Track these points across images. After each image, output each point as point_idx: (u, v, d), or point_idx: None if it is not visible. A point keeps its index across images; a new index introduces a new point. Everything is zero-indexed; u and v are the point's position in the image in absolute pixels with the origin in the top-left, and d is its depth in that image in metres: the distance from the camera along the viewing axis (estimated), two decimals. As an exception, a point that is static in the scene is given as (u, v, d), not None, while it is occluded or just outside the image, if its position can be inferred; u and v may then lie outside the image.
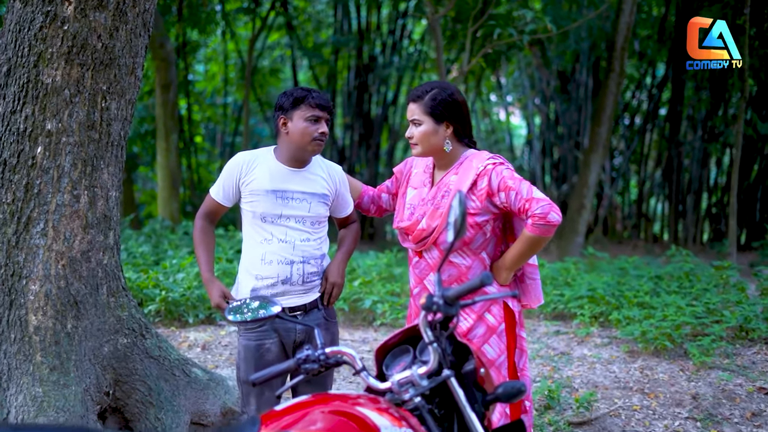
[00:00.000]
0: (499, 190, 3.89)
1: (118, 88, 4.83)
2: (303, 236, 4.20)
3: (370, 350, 7.65)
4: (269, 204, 4.16)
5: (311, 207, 4.22)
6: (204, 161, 21.75)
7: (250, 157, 4.26)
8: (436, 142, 4.05)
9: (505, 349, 4.05)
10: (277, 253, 4.15)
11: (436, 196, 4.07)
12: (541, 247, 3.98)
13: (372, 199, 4.60)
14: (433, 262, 4.04)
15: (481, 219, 3.96)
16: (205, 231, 4.35)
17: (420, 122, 4.05)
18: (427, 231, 4.01)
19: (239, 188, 4.22)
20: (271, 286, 4.16)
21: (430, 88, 4.09)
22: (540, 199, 3.82)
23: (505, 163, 4.02)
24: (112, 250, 4.99)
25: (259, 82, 21.17)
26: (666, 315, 7.64)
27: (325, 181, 4.29)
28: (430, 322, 2.86)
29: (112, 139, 4.87)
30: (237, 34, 20.51)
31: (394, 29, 20.71)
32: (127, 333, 4.98)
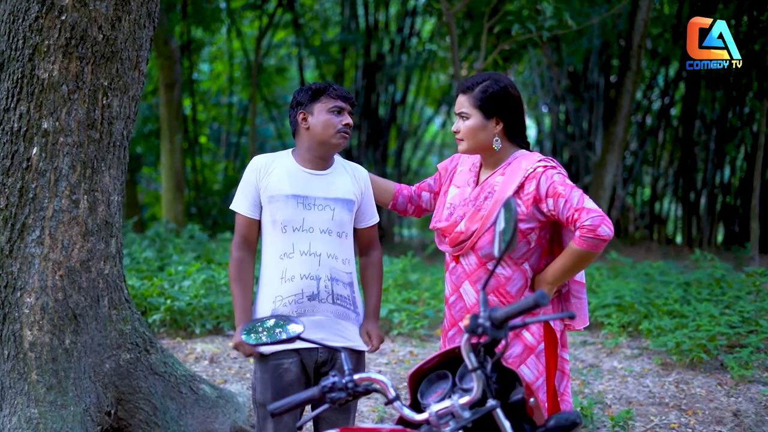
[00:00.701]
0: (548, 195, 3.56)
1: (120, 83, 4.54)
2: (329, 250, 3.80)
3: (387, 362, 7.31)
4: (290, 210, 3.77)
5: (335, 214, 3.82)
6: (209, 162, 21.47)
7: (267, 159, 3.91)
8: (483, 139, 3.74)
9: (544, 371, 3.70)
10: (300, 268, 3.75)
11: (478, 197, 3.75)
12: (589, 263, 3.66)
13: (409, 199, 4.23)
14: (470, 269, 3.72)
15: (526, 226, 3.62)
16: (242, 263, 3.88)
17: (468, 116, 3.74)
18: (465, 234, 3.70)
19: (259, 193, 3.84)
20: (295, 303, 3.74)
21: (482, 79, 3.77)
22: (591, 209, 3.49)
23: (557, 167, 3.69)
24: (114, 259, 4.70)
25: (265, 81, 20.92)
26: (699, 325, 7.28)
27: (351, 184, 3.93)
28: (474, 345, 2.57)
29: (113, 139, 4.59)
30: (243, 32, 20.27)
31: (402, 27, 20.48)
32: (130, 348, 4.72)
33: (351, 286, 3.85)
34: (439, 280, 9.80)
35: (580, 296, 3.85)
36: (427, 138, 25.59)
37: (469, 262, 3.72)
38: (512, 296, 3.65)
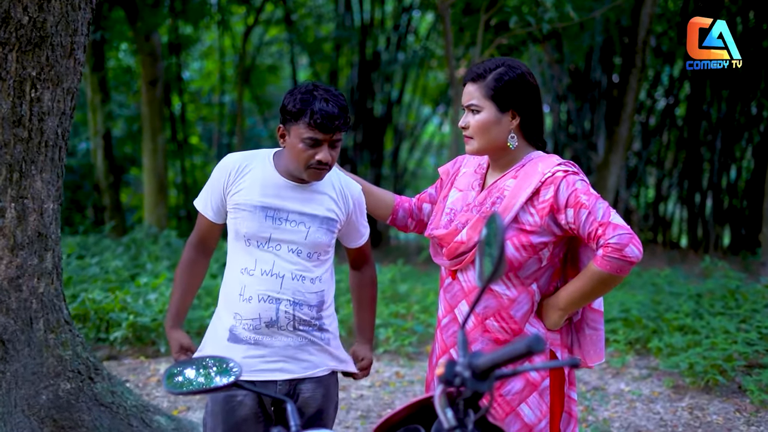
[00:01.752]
0: (567, 205, 3.08)
1: (51, 74, 4.03)
2: (296, 271, 3.34)
3: (370, 385, 6.71)
4: (256, 223, 3.31)
5: (309, 233, 3.35)
6: (199, 163, 21.00)
7: (242, 160, 3.41)
8: (497, 136, 3.24)
9: (548, 411, 3.22)
10: (258, 288, 3.31)
11: (484, 202, 3.26)
12: (610, 289, 3.16)
13: (410, 212, 3.74)
14: (469, 287, 3.24)
15: (538, 240, 3.14)
16: (192, 265, 3.55)
17: (479, 108, 3.23)
18: (466, 245, 3.22)
19: (225, 199, 3.39)
20: (253, 329, 3.32)
21: (495, 65, 3.25)
22: (618, 225, 3.01)
23: (579, 173, 3.19)
24: (50, 276, 4.25)
25: (258, 79, 20.44)
26: (714, 343, 6.66)
27: (334, 202, 3.44)
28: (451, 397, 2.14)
29: (45, 138, 4.09)
30: (234, 29, 19.81)
31: (398, 24, 19.97)
32: (71, 376, 4.29)
33: (320, 305, 3.41)
34: (431, 291, 9.17)
35: (597, 327, 3.35)
36: (424, 138, 25.16)
37: (468, 278, 3.24)
38: (516, 322, 3.18)
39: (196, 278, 3.56)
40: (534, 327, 3.19)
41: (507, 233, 3.13)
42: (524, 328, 3.18)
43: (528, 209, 3.12)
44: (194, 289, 3.57)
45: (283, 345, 3.32)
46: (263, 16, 19.00)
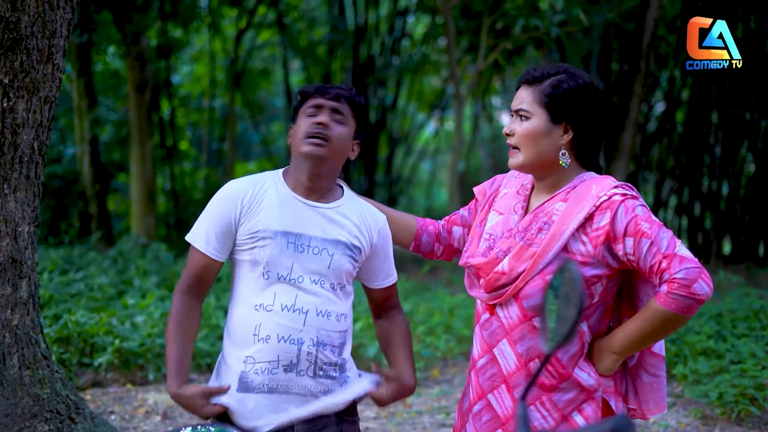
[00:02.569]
0: (626, 234, 2.72)
1: (27, 81, 3.67)
2: (321, 305, 2.99)
3: (375, 416, 6.25)
4: (278, 251, 2.97)
5: (333, 261, 3.01)
6: (188, 169, 20.64)
7: (252, 185, 3.07)
8: (545, 149, 2.89)
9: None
10: (278, 326, 2.94)
11: (530, 228, 2.89)
12: (674, 331, 2.85)
13: (436, 236, 3.34)
14: (510, 324, 2.87)
15: (591, 273, 2.78)
16: (187, 312, 3.09)
17: (528, 114, 2.90)
18: (508, 276, 2.85)
19: (235, 231, 3.02)
20: (268, 374, 2.94)
21: (555, 70, 2.92)
22: (686, 257, 2.65)
23: (639, 197, 2.82)
24: (25, 306, 3.92)
25: (249, 84, 20.11)
26: (744, 369, 6.23)
27: (357, 228, 3.10)
28: None
29: (20, 153, 3.72)
30: (225, 33, 19.54)
31: (393, 27, 19.67)
32: (49, 417, 3.95)
33: (342, 347, 3.07)
34: (436, 311, 8.71)
35: (658, 373, 2.95)
36: (419, 144, 24.90)
37: (509, 314, 2.88)
38: (563, 365, 2.82)
39: (193, 330, 3.10)
40: (584, 371, 2.83)
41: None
42: (573, 372, 2.81)
43: (580, 237, 2.78)
44: (192, 341, 3.12)
45: (301, 392, 2.97)
46: (255, 19, 18.69)
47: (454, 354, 8.00)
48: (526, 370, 2.82)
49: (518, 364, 2.83)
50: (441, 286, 11.32)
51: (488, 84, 20.84)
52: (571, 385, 2.79)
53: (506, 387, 2.87)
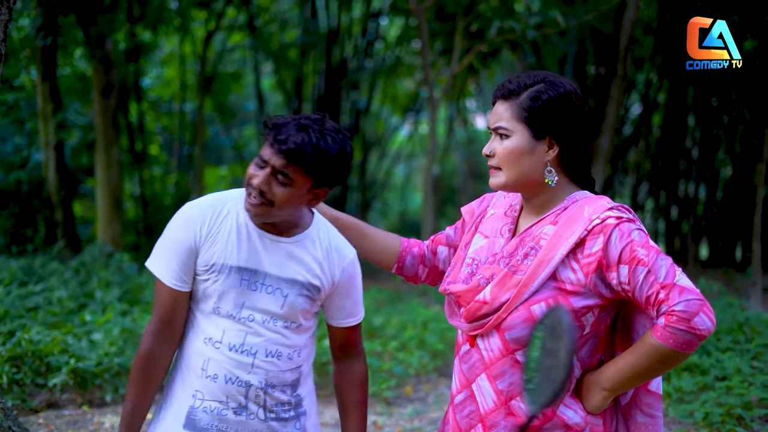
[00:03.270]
0: (621, 261, 2.46)
1: None
2: (271, 345, 2.79)
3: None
4: (230, 288, 2.76)
5: (286, 302, 2.79)
6: (158, 174, 20.32)
7: (212, 209, 2.82)
8: (529, 168, 2.63)
9: None
10: (225, 367, 2.76)
11: (515, 253, 2.64)
12: (671, 368, 2.57)
13: (421, 258, 3.08)
14: (491, 357, 2.61)
15: (581, 304, 2.52)
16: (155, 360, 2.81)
17: (508, 133, 2.63)
18: (489, 306, 2.59)
19: (196, 259, 2.78)
20: (217, 414, 2.77)
21: (532, 80, 2.65)
22: (687, 288, 2.39)
23: (636, 220, 2.55)
24: None
25: (220, 87, 19.83)
26: (730, 387, 5.96)
27: (319, 264, 2.85)
28: None
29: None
30: (195, 35, 19.20)
31: (366, 30, 19.45)
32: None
33: (297, 382, 2.89)
34: (409, 324, 8.40)
35: (654, 413, 2.66)
36: (393, 148, 24.69)
37: (490, 346, 2.62)
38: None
39: (157, 379, 2.83)
40: (570, 408, 2.57)
41: (546, 299, 2.47)
42: (558, 411, 2.54)
43: (570, 264, 2.51)
44: (155, 390, 2.84)
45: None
46: (226, 21, 18.41)
47: (427, 370, 7.69)
48: (505, 408, 2.56)
49: (497, 402, 2.58)
50: (414, 296, 11.04)
51: (463, 87, 20.66)
52: (556, 425, 2.53)
53: (482, 427, 2.60)
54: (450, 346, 8.01)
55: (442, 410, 6.65)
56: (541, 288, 2.49)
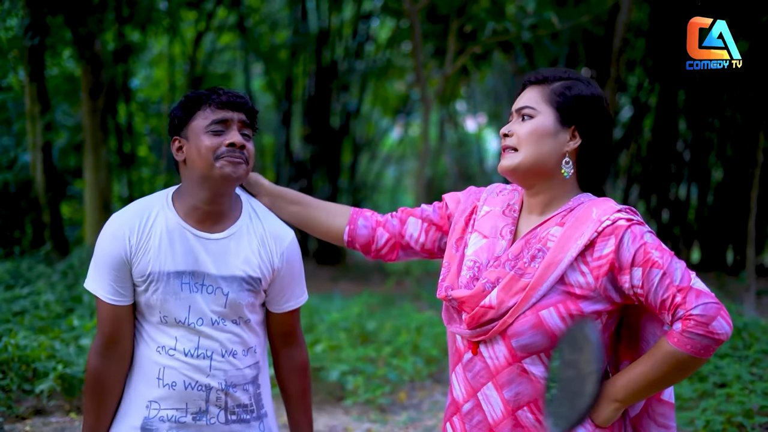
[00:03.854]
0: (634, 264, 2.35)
1: None
2: (225, 345, 2.73)
3: (339, 448, 5.79)
4: (170, 295, 2.67)
5: (229, 299, 2.72)
6: (147, 176, 20.16)
7: (137, 218, 2.72)
8: (548, 152, 2.53)
9: None
10: (183, 373, 2.69)
11: (521, 255, 2.51)
12: (687, 375, 2.45)
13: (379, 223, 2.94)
14: (497, 366, 2.49)
15: (590, 308, 2.40)
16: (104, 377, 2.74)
17: (534, 113, 2.55)
18: (495, 311, 2.47)
19: (131, 272, 2.70)
20: (176, 421, 2.70)
21: (567, 75, 2.58)
22: (703, 292, 2.30)
23: (645, 224, 2.44)
24: None
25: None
26: (730, 394, 5.86)
27: (256, 255, 2.78)
28: None
29: None
30: (184, 36, 19.05)
31: (356, 31, 19.31)
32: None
33: (254, 381, 2.84)
34: (402, 329, 8.26)
35: (668, 424, 2.54)
36: (383, 150, 24.60)
37: (495, 354, 2.50)
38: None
39: (110, 402, 2.75)
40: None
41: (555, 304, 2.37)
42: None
43: (579, 267, 2.40)
44: (111, 409, 2.76)
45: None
46: (215, 22, 18.29)
47: (422, 376, 7.56)
48: (512, 419, 2.45)
49: (504, 413, 2.47)
50: (407, 300, 10.90)
51: (454, 89, 20.59)
52: None
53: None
54: (445, 352, 7.89)
55: (437, 417, 6.54)
56: (549, 292, 2.39)
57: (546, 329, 2.36)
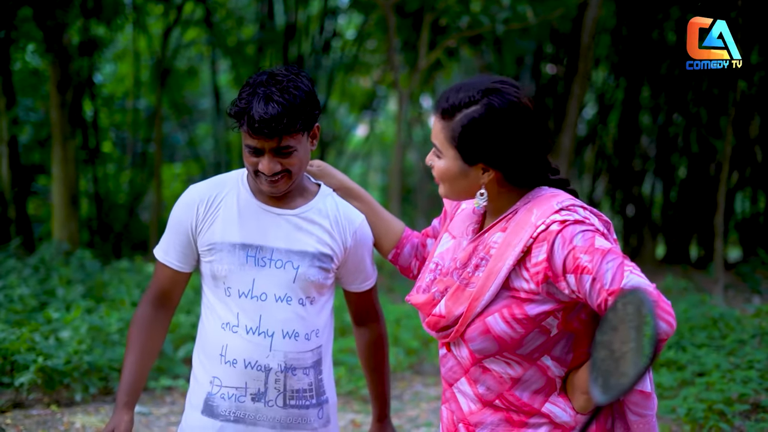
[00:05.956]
0: (566, 271, 2.31)
1: None
2: (287, 325, 2.78)
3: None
4: (236, 266, 2.77)
5: (298, 274, 2.78)
6: (112, 172, 19.97)
7: (211, 190, 2.87)
8: (465, 189, 2.53)
9: None
10: (244, 350, 2.77)
11: (468, 264, 2.50)
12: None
13: (415, 250, 2.99)
14: (465, 363, 2.50)
15: (537, 310, 2.39)
16: (148, 323, 2.89)
17: (440, 154, 2.52)
18: (446, 320, 2.48)
19: (195, 241, 2.84)
20: (236, 401, 2.77)
21: (470, 98, 2.43)
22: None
23: (585, 220, 2.37)
24: None
25: (175, 84, 19.48)
26: (710, 382, 5.93)
27: (328, 233, 2.85)
28: None
29: None
30: (150, 31, 18.86)
31: (323, 26, 19.24)
32: None
33: (316, 366, 2.86)
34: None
35: (643, 413, 2.44)
36: (350, 147, 24.55)
37: (461, 354, 2.53)
38: (524, 402, 2.47)
39: (155, 341, 2.90)
40: (558, 406, 2.47)
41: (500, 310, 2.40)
42: (542, 408, 2.46)
43: (521, 273, 2.39)
44: (154, 354, 2.92)
45: (269, 425, 2.80)
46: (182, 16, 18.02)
47: (402, 368, 7.57)
48: (491, 408, 2.49)
49: (478, 405, 2.52)
50: (381, 292, 10.86)
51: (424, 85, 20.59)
52: (543, 420, 2.45)
53: (465, 427, 2.53)
54: (424, 344, 7.93)
55: (419, 408, 6.57)
56: (495, 298, 2.39)
57: (493, 335, 2.38)
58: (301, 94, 2.65)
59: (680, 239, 19.27)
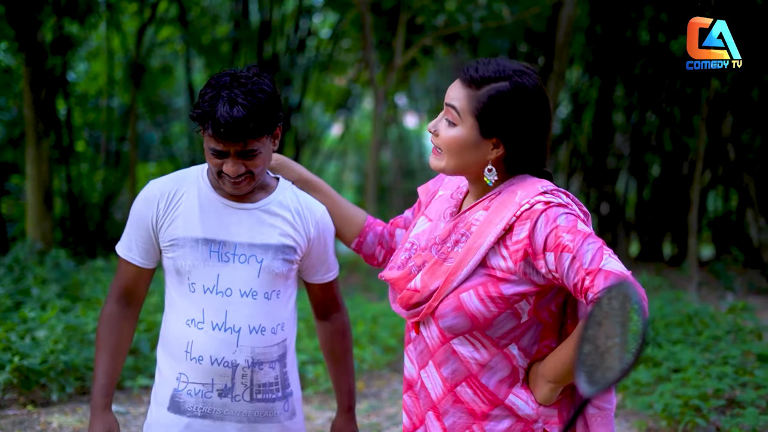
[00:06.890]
0: (546, 248, 2.36)
1: None
2: (254, 321, 2.78)
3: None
4: (199, 261, 2.78)
5: (262, 268, 2.79)
6: (85, 170, 19.81)
7: (171, 185, 2.87)
8: (470, 162, 2.54)
9: None
10: (211, 347, 2.77)
11: (447, 240, 2.54)
12: None
13: (380, 238, 3.01)
14: (433, 345, 2.54)
15: (512, 291, 2.42)
16: (116, 320, 2.89)
17: (456, 120, 2.50)
18: (420, 294, 2.51)
19: (156, 236, 2.83)
20: (202, 398, 2.78)
21: (500, 72, 2.47)
22: (612, 272, 2.26)
23: (569, 204, 2.44)
24: None
25: (150, 82, 19.38)
26: (686, 378, 5.97)
27: (291, 225, 2.86)
28: None
29: None
30: (124, 29, 18.76)
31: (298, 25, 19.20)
32: None
33: (281, 360, 2.87)
34: (360, 319, 8.24)
35: (603, 405, 2.49)
36: (325, 146, 24.51)
37: (431, 334, 2.55)
38: (490, 391, 2.48)
39: (125, 339, 2.91)
40: (520, 399, 2.49)
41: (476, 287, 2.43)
42: (506, 399, 2.48)
43: (500, 251, 2.43)
44: (125, 351, 2.92)
45: (236, 419, 2.80)
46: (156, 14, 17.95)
47: (380, 365, 7.58)
48: (453, 396, 2.50)
49: (444, 390, 2.53)
50: (357, 291, 10.89)
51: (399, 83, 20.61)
52: (505, 412, 2.47)
53: (434, 414, 2.54)
54: (402, 341, 7.92)
55: (397, 405, 6.56)
56: (471, 275, 2.42)
57: (466, 311, 2.39)
58: (265, 96, 2.65)
59: (654, 237, 19.39)
